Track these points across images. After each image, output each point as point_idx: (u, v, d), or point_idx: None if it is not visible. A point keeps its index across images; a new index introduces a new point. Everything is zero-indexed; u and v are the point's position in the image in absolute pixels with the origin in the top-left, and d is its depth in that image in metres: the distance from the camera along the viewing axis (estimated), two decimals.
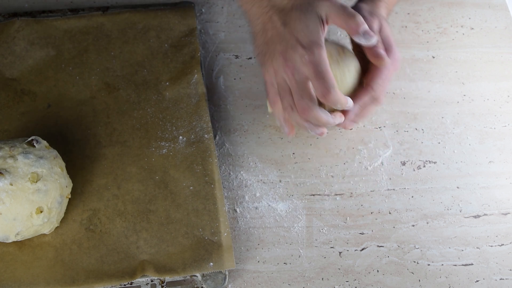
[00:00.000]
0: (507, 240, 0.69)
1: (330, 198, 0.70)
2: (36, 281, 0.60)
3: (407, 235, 0.69)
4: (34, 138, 0.62)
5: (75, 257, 0.62)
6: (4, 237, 0.59)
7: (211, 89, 0.77)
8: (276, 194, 0.70)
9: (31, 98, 0.71)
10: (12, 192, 0.57)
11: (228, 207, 0.69)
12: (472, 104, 0.78)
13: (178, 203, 0.66)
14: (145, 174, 0.68)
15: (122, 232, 0.64)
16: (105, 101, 0.72)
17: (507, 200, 0.72)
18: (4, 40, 0.74)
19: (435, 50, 0.82)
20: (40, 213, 0.59)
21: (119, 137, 0.70)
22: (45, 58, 0.74)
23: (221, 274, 0.63)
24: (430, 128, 0.76)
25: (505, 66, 0.82)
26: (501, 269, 0.67)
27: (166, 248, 0.63)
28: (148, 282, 0.63)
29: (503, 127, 0.77)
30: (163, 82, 0.73)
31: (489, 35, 0.84)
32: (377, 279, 0.66)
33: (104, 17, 0.77)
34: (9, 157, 0.59)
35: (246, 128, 0.74)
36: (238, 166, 0.71)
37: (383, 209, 0.70)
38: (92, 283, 0.61)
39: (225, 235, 0.64)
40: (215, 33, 0.81)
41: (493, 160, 0.74)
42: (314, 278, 0.66)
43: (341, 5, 0.61)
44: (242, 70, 0.78)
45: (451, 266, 0.67)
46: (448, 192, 0.72)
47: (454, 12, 0.86)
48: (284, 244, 0.67)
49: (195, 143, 0.70)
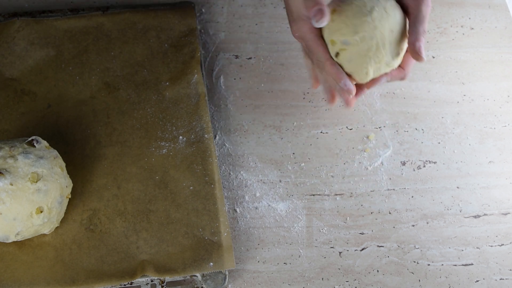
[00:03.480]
0: (507, 240, 0.69)
1: (330, 198, 0.70)
2: (36, 281, 0.60)
3: (407, 235, 0.69)
4: (34, 138, 0.62)
5: (75, 257, 0.62)
6: (4, 237, 0.59)
7: (211, 89, 0.77)
8: (276, 194, 0.70)
9: (31, 98, 0.71)
10: (12, 192, 0.57)
11: (228, 207, 0.69)
12: (472, 104, 0.78)
13: (178, 203, 0.66)
14: (145, 174, 0.68)
15: (122, 232, 0.64)
16: (105, 101, 0.72)
17: (507, 200, 0.72)
18: (4, 40, 0.74)
19: (435, 50, 0.82)
20: (40, 213, 0.59)
21: (119, 137, 0.70)
22: (45, 58, 0.74)
23: (221, 274, 0.63)
24: (430, 128, 0.76)
25: (505, 66, 0.82)
26: (501, 269, 0.67)
27: (166, 248, 0.63)
28: (148, 282, 0.63)
29: (503, 127, 0.77)
30: (163, 82, 0.73)
31: (489, 35, 0.84)
32: (377, 279, 0.66)
33: (104, 17, 0.77)
34: (9, 157, 0.59)
35: (246, 128, 0.74)
36: (238, 166, 0.71)
37: (383, 209, 0.70)
38: (92, 283, 0.61)
39: (225, 235, 0.64)
40: (215, 33, 0.81)
41: (493, 160, 0.74)
42: (314, 278, 0.66)
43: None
44: (242, 70, 0.78)
45: (451, 266, 0.67)
46: (448, 192, 0.72)
47: (454, 12, 0.86)
48: (284, 244, 0.67)
49: (195, 143, 0.70)
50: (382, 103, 0.77)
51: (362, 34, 0.60)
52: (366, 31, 0.60)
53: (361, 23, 0.60)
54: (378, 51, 0.61)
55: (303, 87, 0.78)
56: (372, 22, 0.60)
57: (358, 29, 0.60)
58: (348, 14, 0.61)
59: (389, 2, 0.62)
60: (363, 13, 0.60)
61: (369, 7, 0.60)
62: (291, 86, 0.78)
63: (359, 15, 0.60)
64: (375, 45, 0.60)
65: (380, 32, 0.60)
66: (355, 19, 0.60)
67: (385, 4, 0.61)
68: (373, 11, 0.60)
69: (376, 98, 0.78)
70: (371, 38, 0.60)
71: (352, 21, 0.60)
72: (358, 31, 0.60)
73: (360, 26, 0.60)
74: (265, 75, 0.78)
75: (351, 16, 0.60)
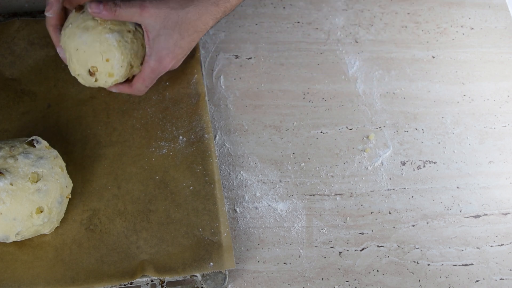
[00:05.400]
0: (507, 240, 0.69)
1: (330, 198, 0.70)
2: (36, 281, 0.60)
3: (407, 235, 0.69)
4: (35, 138, 0.62)
5: (75, 257, 0.62)
6: (4, 237, 0.59)
7: (211, 89, 0.77)
8: (276, 194, 0.70)
9: (31, 98, 0.72)
10: (13, 192, 0.57)
11: (228, 207, 0.69)
12: (472, 104, 0.78)
13: (178, 203, 0.66)
14: (145, 174, 0.68)
15: (122, 232, 0.64)
16: (105, 101, 0.72)
17: (507, 200, 0.72)
18: (4, 40, 0.74)
19: (435, 50, 0.82)
20: (40, 213, 0.59)
21: (119, 137, 0.70)
22: (45, 58, 0.74)
23: (221, 274, 0.63)
24: (430, 128, 0.76)
25: (505, 66, 0.82)
26: (501, 269, 0.67)
27: (166, 248, 0.63)
28: (148, 282, 0.63)
29: (503, 127, 0.77)
30: (163, 82, 0.73)
31: (489, 35, 0.84)
32: (377, 279, 0.66)
33: None
34: (10, 157, 0.59)
35: (246, 128, 0.74)
36: (238, 166, 0.71)
37: (383, 209, 0.70)
38: (92, 283, 0.61)
39: (225, 235, 0.64)
40: (215, 33, 0.81)
41: (493, 160, 0.74)
42: (314, 278, 0.66)
43: None
44: (242, 70, 0.78)
45: (451, 266, 0.67)
46: (448, 192, 0.72)
47: (454, 12, 0.86)
48: (284, 244, 0.67)
49: (195, 143, 0.70)
50: (382, 103, 0.77)
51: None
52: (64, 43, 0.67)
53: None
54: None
55: (303, 87, 0.78)
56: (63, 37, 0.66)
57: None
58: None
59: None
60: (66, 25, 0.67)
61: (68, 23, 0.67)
62: (291, 86, 0.78)
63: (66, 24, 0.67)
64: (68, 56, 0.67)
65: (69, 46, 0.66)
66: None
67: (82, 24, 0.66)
68: (66, 28, 0.66)
69: (376, 98, 0.78)
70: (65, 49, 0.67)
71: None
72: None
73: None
74: (265, 75, 0.78)
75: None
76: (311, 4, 0.85)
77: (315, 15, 0.84)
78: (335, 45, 0.81)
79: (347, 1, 0.85)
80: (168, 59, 0.66)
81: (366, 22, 0.84)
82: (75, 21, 0.65)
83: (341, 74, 0.79)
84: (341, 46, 0.81)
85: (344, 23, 0.83)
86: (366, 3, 0.85)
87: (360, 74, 0.79)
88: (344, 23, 0.83)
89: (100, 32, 0.64)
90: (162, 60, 0.65)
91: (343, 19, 0.84)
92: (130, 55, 0.66)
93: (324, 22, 0.83)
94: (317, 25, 0.83)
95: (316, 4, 0.85)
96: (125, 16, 0.63)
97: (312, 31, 0.82)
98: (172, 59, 0.66)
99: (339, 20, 0.83)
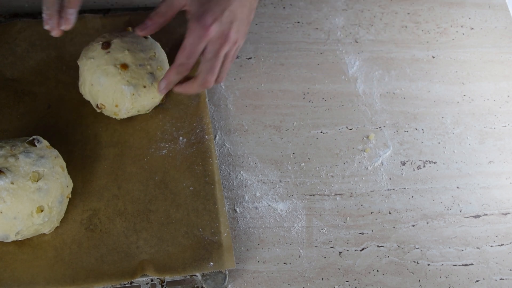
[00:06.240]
0: (507, 240, 0.69)
1: (330, 198, 0.70)
2: (36, 281, 0.60)
3: (407, 235, 0.69)
4: (35, 137, 0.62)
5: (75, 256, 0.62)
6: (4, 236, 0.59)
7: (211, 89, 0.77)
8: (276, 194, 0.70)
9: (32, 99, 0.72)
10: (13, 191, 0.57)
11: (228, 207, 0.69)
12: (472, 104, 0.78)
13: (178, 203, 0.66)
14: (145, 174, 0.68)
15: (122, 232, 0.64)
16: None
17: (507, 200, 0.72)
18: (6, 41, 0.75)
19: (435, 50, 0.82)
20: (41, 212, 0.59)
21: (119, 137, 0.70)
22: (46, 59, 0.74)
23: (221, 274, 0.63)
24: (430, 128, 0.76)
25: (505, 66, 0.82)
26: (501, 269, 0.67)
27: (166, 248, 0.63)
28: (148, 281, 0.63)
29: (503, 127, 0.77)
30: None
31: (489, 35, 0.84)
32: (377, 279, 0.66)
33: (105, 19, 0.77)
34: (10, 156, 0.59)
35: (246, 128, 0.74)
36: (238, 166, 0.72)
37: (383, 209, 0.70)
38: (92, 282, 0.61)
39: (225, 235, 0.64)
40: None
41: (493, 160, 0.74)
42: (314, 278, 0.66)
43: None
44: (242, 70, 0.78)
45: (451, 266, 0.67)
46: (448, 192, 0.72)
47: (454, 12, 0.86)
48: (284, 244, 0.67)
49: (195, 144, 0.70)
50: (382, 103, 0.77)
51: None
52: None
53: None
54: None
55: (303, 87, 0.78)
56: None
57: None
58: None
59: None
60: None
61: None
62: (291, 86, 0.78)
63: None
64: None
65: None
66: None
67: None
68: (89, 59, 0.68)
69: (376, 98, 0.78)
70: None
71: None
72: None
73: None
74: (265, 75, 0.78)
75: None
76: (311, 4, 0.85)
77: (315, 15, 0.84)
78: (335, 45, 0.81)
79: (347, 1, 0.85)
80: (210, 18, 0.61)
81: (366, 22, 0.84)
82: (98, 58, 0.67)
83: (341, 74, 0.79)
84: (341, 46, 0.81)
85: (344, 23, 0.83)
86: (366, 3, 0.85)
87: (360, 74, 0.79)
88: (344, 23, 0.83)
89: (118, 82, 0.66)
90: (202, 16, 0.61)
91: (343, 19, 0.84)
92: (138, 107, 0.68)
93: (324, 22, 0.83)
94: (317, 25, 0.83)
95: (316, 4, 0.85)
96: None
97: (312, 31, 0.82)
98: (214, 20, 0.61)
99: (339, 20, 0.84)
